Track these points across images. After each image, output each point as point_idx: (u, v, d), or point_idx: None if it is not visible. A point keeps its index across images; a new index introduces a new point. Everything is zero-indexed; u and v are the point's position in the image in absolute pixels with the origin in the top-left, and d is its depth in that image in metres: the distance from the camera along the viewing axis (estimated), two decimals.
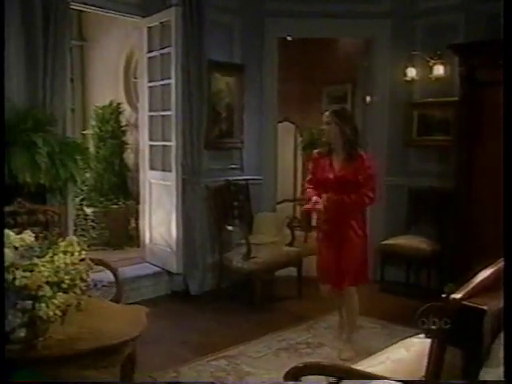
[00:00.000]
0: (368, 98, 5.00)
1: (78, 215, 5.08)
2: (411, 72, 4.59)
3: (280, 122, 6.01)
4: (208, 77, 4.39)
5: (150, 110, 4.56)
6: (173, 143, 4.27)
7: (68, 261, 1.41)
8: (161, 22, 4.31)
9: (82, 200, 5.33)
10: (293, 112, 7.03)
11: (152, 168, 4.61)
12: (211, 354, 3.17)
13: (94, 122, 5.60)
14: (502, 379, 1.20)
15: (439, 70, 4.43)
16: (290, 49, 5.84)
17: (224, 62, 4.59)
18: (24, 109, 3.41)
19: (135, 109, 5.68)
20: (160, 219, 4.53)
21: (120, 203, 5.35)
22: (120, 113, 5.63)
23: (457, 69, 4.02)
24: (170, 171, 4.35)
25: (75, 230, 4.40)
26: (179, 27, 4.10)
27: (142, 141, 4.77)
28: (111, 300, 2.08)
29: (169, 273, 4.44)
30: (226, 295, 4.35)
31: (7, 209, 2.79)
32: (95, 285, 1.47)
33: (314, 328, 3.67)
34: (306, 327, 3.68)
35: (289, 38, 5.23)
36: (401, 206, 4.69)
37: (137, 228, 5.16)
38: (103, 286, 1.45)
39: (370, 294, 4.05)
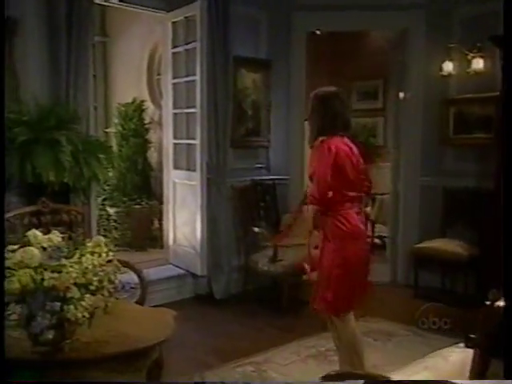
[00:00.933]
0: (401, 95, 4.93)
1: (100, 215, 5.17)
2: (448, 66, 4.50)
3: (306, 119, 5.99)
4: (234, 73, 4.41)
5: (174, 108, 4.61)
6: (197, 141, 4.30)
7: (96, 262, 1.43)
8: (185, 17, 4.35)
9: (105, 200, 5.42)
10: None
11: (176, 167, 4.66)
12: (237, 359, 3.18)
13: (116, 120, 5.69)
14: None
15: (479, 63, 4.33)
16: (318, 43, 5.81)
17: (250, 58, 4.61)
18: (47, 106, 3.48)
19: (159, 106, 5.74)
20: (184, 220, 4.57)
21: (143, 203, 5.42)
22: (143, 110, 5.71)
23: (498, 62, 3.93)
24: (194, 170, 4.38)
25: (98, 231, 4.48)
26: (204, 22, 4.13)
27: (165, 139, 4.82)
28: (135, 302, 2.12)
29: (193, 275, 4.47)
30: (252, 299, 4.36)
31: (31, 208, 2.86)
32: (123, 287, 1.49)
33: None
34: None
35: (317, 32, 5.20)
36: (435, 207, 4.60)
37: (160, 229, 5.21)
38: (131, 287, 1.47)
39: (402, 299, 4.00)
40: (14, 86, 3.45)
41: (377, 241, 6.08)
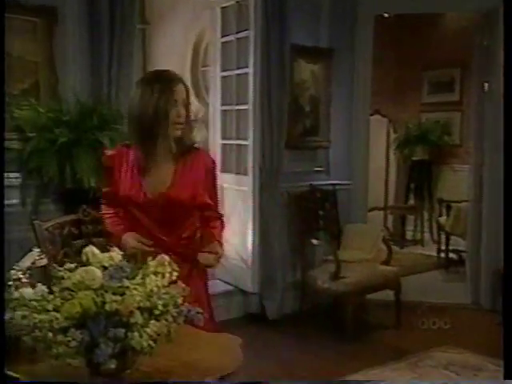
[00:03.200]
0: (486, 86, 4.78)
1: None
2: None
3: (370, 115, 5.91)
4: (291, 64, 4.40)
5: (223, 104, 4.64)
6: (249, 142, 4.32)
7: (159, 283, 1.45)
8: (237, 1, 4.37)
9: None
10: (385, 103, 6.89)
11: (224, 171, 4.68)
12: None
13: None
14: None
15: None
16: (386, 27, 5.73)
17: (309, 47, 4.59)
18: (89, 104, 3.57)
19: (204, 102, 5.80)
20: (233, 230, 4.57)
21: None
22: None
23: None
24: (245, 174, 4.40)
25: None
26: (259, 7, 4.14)
27: (212, 139, 4.86)
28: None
29: (243, 292, 4.48)
30: (310, 320, 4.33)
31: (71, 217, 2.93)
32: (189, 311, 1.50)
33: (418, 366, 3.56)
34: (409, 365, 3.57)
35: (385, 15, 5.13)
36: None
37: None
38: (197, 312, 1.47)
39: (488, 326, 3.87)
40: (53, 81, 3.56)
41: (452, 256, 5.93)
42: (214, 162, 2.32)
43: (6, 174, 3.37)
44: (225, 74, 4.60)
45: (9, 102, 3.36)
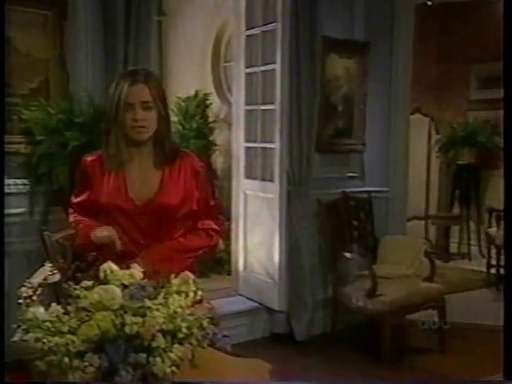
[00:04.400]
0: None
1: None
2: None
3: (410, 114, 5.89)
4: (322, 60, 4.41)
5: (247, 103, 4.66)
6: (276, 145, 4.33)
7: (183, 303, 1.46)
8: None
9: None
10: (427, 101, 6.85)
11: (248, 176, 4.71)
12: None
13: (175, 118, 5.84)
14: None
15: None
16: (428, 16, 5.70)
17: (343, 40, 4.59)
18: (102, 105, 3.62)
19: (226, 101, 5.83)
20: (258, 241, 4.61)
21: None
22: (207, 106, 5.84)
23: None
24: (271, 180, 4.41)
25: None
26: None
27: (235, 141, 4.89)
28: None
29: (268, 310, 4.49)
30: (343, 342, 4.31)
31: None
32: (215, 334, 1.51)
33: None
34: None
35: (428, 3, 5.12)
36: None
37: (227, 250, 5.28)
38: (224, 336, 1.49)
39: None
40: (64, 80, 3.62)
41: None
42: (202, 166, 2.39)
43: (13, 181, 3.47)
44: (249, 70, 4.62)
45: (17, 103, 3.44)
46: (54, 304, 1.49)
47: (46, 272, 2.03)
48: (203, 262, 5.47)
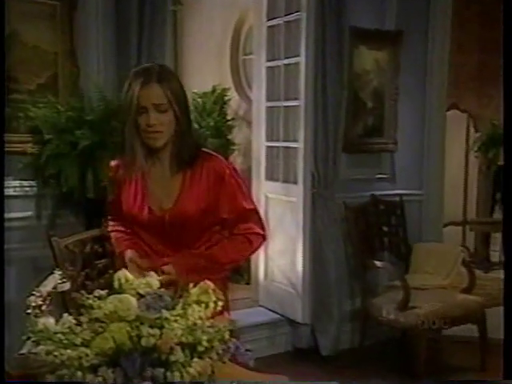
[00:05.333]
0: None
1: None
2: None
3: (446, 110, 5.85)
4: (350, 52, 4.41)
5: (269, 100, 4.67)
6: (300, 144, 4.33)
7: (203, 314, 1.48)
8: None
9: None
10: (465, 96, 6.79)
11: (270, 178, 4.72)
12: None
13: (191, 115, 5.87)
14: None
15: None
16: (468, 2, 5.66)
17: (373, 30, 4.58)
18: (114, 102, 3.66)
19: (246, 97, 5.84)
20: (280, 248, 4.61)
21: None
22: (225, 102, 5.86)
23: None
24: (294, 183, 4.42)
25: None
26: None
27: (255, 141, 4.90)
28: None
29: (291, 322, 4.49)
30: (372, 358, 4.31)
31: (94, 233, 3.01)
32: (237, 348, 1.52)
33: None
34: None
35: None
36: None
37: (247, 258, 5.30)
38: (247, 350, 1.50)
39: None
40: (74, 75, 3.66)
41: None
42: (230, 167, 2.32)
43: (19, 182, 3.51)
44: (271, 63, 4.63)
45: (23, 99, 3.49)
46: (65, 314, 1.51)
47: (56, 280, 2.06)
48: None
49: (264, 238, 2.36)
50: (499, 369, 3.99)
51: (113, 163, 2.40)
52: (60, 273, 2.13)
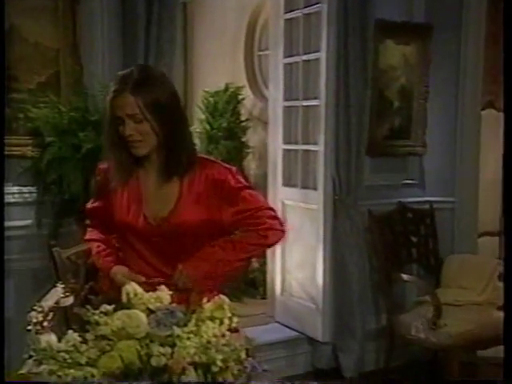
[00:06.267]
0: None
1: None
2: None
3: (481, 109, 5.82)
4: (375, 47, 4.40)
5: (286, 99, 4.68)
6: (320, 147, 4.33)
7: (218, 332, 1.48)
8: None
9: None
10: (502, 93, 6.73)
11: (287, 184, 4.72)
12: None
13: (202, 115, 5.90)
14: None
15: None
16: None
17: (400, 23, 4.58)
18: None
19: (261, 96, 5.85)
20: (298, 259, 4.61)
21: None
22: (239, 102, 5.86)
23: None
24: (314, 189, 4.42)
25: None
26: None
27: (271, 143, 4.91)
28: None
29: (311, 340, 4.49)
30: (399, 379, 4.31)
31: None
32: (253, 368, 1.53)
33: None
34: None
35: None
36: None
37: (262, 270, 5.29)
38: (264, 370, 1.50)
39: None
40: (77, 72, 3.69)
41: None
42: (230, 172, 2.30)
43: (18, 188, 3.54)
44: (289, 60, 4.64)
45: (23, 99, 3.51)
46: (70, 331, 1.52)
47: (59, 294, 2.07)
48: (235, 283, 5.51)
49: (283, 232, 2.36)
50: None
51: (101, 166, 2.40)
52: (63, 286, 2.14)
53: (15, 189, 3.53)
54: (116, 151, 2.21)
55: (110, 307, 1.55)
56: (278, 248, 4.77)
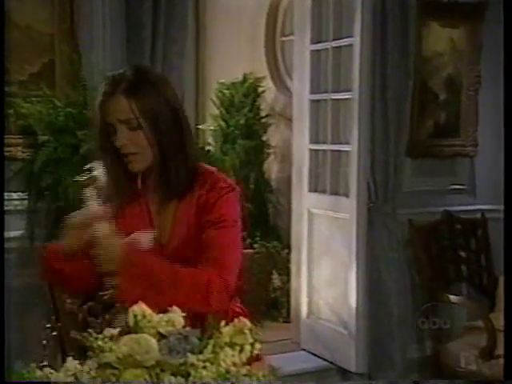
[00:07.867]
0: None
1: None
2: None
3: None
4: (418, 30, 4.41)
5: (313, 92, 4.69)
6: (352, 147, 4.33)
7: (237, 360, 1.48)
8: None
9: None
10: None
11: (314, 189, 4.73)
12: None
13: (216, 110, 5.91)
14: None
15: None
16: None
17: (447, 3, 4.59)
18: None
19: (285, 88, 5.86)
20: (327, 277, 4.60)
21: (256, 245, 5.53)
22: (259, 95, 5.87)
23: None
24: (346, 195, 4.42)
25: None
26: None
27: (296, 143, 4.92)
28: None
29: (342, 371, 4.48)
30: None
31: None
32: None
33: None
34: None
35: None
36: None
37: (285, 289, 5.29)
38: None
39: None
40: (74, 62, 3.71)
41: None
42: (217, 196, 2.18)
43: (7, 194, 3.54)
44: (317, 46, 4.65)
45: (13, 92, 3.53)
46: (69, 359, 1.52)
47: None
48: (254, 303, 5.51)
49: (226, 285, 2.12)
50: None
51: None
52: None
53: (4, 195, 3.53)
54: (111, 166, 2.14)
55: (114, 331, 1.55)
56: (303, 263, 4.79)
